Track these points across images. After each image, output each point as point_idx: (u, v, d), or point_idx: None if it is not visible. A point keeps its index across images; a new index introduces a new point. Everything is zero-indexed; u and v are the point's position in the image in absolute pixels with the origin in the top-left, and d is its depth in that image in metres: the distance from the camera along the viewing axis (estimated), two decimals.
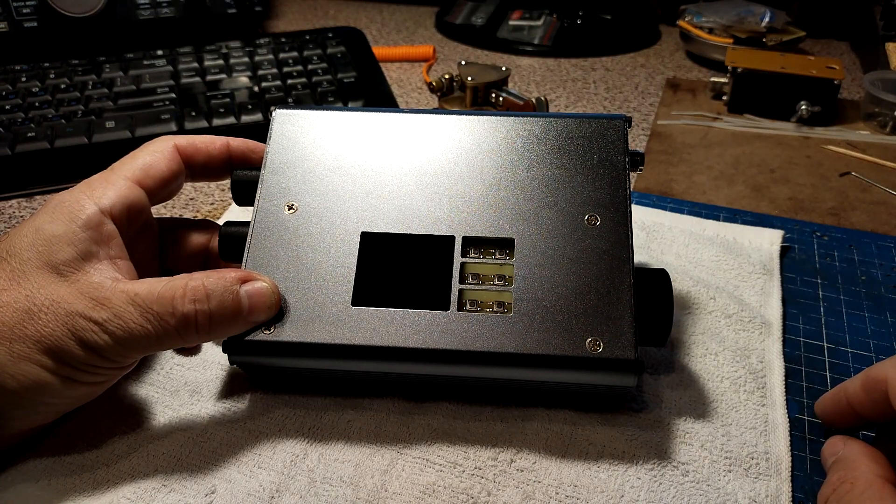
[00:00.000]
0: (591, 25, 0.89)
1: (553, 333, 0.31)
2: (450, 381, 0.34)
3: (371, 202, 0.35)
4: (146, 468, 0.31)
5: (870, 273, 0.45)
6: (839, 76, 0.63)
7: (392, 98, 0.66)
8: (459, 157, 0.36)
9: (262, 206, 0.35)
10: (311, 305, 0.32)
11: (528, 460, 0.31)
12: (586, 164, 0.35)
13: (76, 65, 0.65)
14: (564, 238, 0.33)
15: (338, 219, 0.34)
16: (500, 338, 0.31)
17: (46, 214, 0.31)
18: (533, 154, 0.36)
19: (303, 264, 0.33)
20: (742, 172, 0.57)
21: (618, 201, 0.34)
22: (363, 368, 0.32)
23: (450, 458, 0.32)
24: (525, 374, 0.31)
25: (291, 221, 0.35)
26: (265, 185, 0.36)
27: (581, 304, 0.32)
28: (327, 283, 0.33)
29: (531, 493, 0.30)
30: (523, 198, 0.35)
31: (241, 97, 0.63)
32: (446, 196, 0.35)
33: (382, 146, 0.37)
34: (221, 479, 0.31)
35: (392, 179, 0.36)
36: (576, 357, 0.31)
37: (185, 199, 0.54)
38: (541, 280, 0.32)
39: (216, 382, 0.35)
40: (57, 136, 0.57)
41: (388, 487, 0.30)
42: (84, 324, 0.29)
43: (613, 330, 0.31)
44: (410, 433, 0.33)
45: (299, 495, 0.30)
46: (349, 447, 0.32)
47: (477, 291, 0.33)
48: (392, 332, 0.31)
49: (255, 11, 0.77)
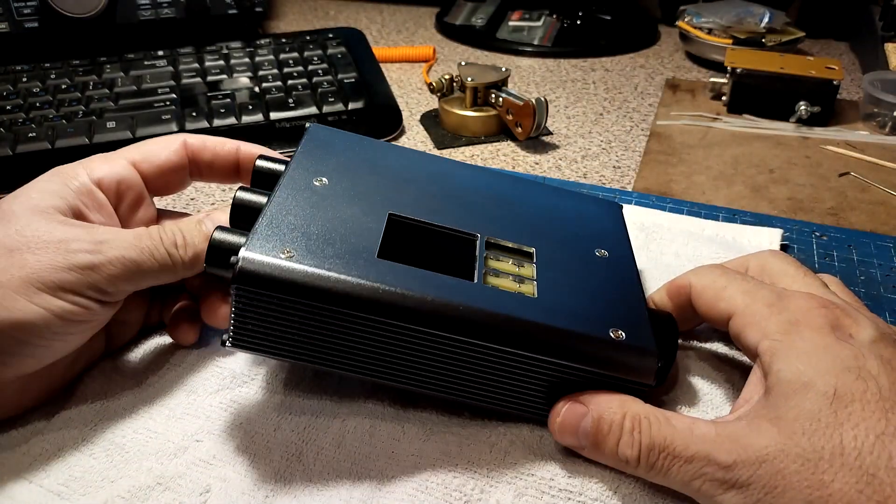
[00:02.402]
0: (590, 26, 0.89)
1: (577, 318, 0.31)
2: (452, 355, 0.31)
3: (399, 194, 0.35)
4: (141, 466, 0.31)
5: (869, 273, 0.45)
6: (838, 76, 0.63)
7: (392, 98, 0.66)
8: (484, 187, 0.39)
9: (290, 174, 0.34)
10: (335, 248, 0.30)
11: (522, 455, 0.31)
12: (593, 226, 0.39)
13: (77, 65, 0.65)
14: (580, 260, 0.35)
15: (367, 198, 0.34)
16: (528, 310, 0.30)
17: (42, 178, 0.34)
18: (546, 206, 0.39)
19: (328, 220, 0.32)
20: (741, 173, 0.57)
21: (622, 246, 0.38)
22: (387, 317, 0.29)
23: (444, 454, 0.32)
24: (541, 349, 0.30)
25: (320, 190, 0.34)
26: (294, 166, 0.35)
27: (601, 304, 0.32)
28: (353, 237, 0.31)
29: (524, 488, 0.30)
30: (541, 223, 0.37)
31: (241, 97, 0.64)
32: (471, 206, 0.36)
33: (412, 165, 0.39)
34: (216, 478, 0.31)
35: (419, 184, 0.37)
36: (601, 339, 0.30)
37: (185, 199, 0.54)
38: (561, 283, 0.33)
39: (211, 381, 0.35)
40: (58, 136, 0.57)
41: (381, 486, 0.30)
42: (77, 245, 0.30)
43: (634, 326, 0.31)
44: (405, 432, 0.33)
45: (293, 495, 0.30)
46: (344, 446, 0.32)
47: (499, 279, 0.32)
48: (416, 283, 0.30)
49: (256, 12, 0.77)
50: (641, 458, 0.28)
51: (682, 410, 0.34)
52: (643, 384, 0.31)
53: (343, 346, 0.30)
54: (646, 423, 0.28)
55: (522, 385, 0.31)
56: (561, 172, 0.58)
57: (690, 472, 0.27)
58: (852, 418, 0.25)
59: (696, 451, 0.27)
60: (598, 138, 0.63)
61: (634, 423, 0.28)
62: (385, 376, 0.31)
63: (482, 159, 0.59)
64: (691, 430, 0.27)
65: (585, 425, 0.29)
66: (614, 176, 0.57)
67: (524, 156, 0.60)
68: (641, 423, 0.28)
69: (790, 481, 0.25)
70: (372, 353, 0.30)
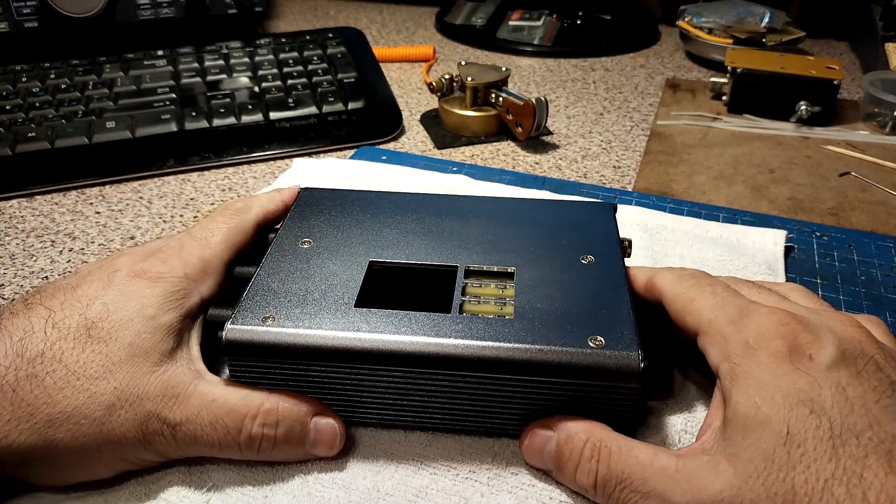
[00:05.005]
0: (590, 26, 0.89)
1: (554, 333, 0.31)
2: (446, 391, 0.32)
3: (380, 240, 0.37)
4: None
5: (869, 273, 0.45)
6: (839, 76, 0.63)
7: (392, 98, 0.66)
8: (466, 214, 0.40)
9: (278, 240, 0.37)
10: (313, 306, 0.32)
11: (524, 467, 0.31)
12: (580, 232, 0.38)
13: (76, 65, 0.65)
14: (563, 271, 0.35)
15: (348, 250, 0.36)
16: (501, 334, 0.31)
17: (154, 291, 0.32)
18: (530, 221, 0.39)
19: (310, 279, 0.34)
20: (741, 173, 0.57)
21: (610, 247, 0.37)
22: (362, 364, 0.31)
23: (445, 460, 0.31)
24: (516, 370, 0.30)
25: (305, 251, 0.36)
26: (282, 232, 0.37)
27: (581, 313, 0.32)
28: (332, 291, 0.33)
29: (524, 498, 0.30)
30: (522, 241, 0.37)
31: (241, 97, 0.64)
32: (451, 237, 0.37)
33: (394, 208, 0.40)
34: (217, 478, 0.31)
35: (400, 225, 0.38)
36: (578, 350, 0.30)
37: (185, 199, 0.54)
38: (541, 298, 0.33)
39: None
40: (57, 136, 0.57)
41: (380, 488, 0.30)
42: (157, 426, 0.29)
43: (615, 330, 0.31)
44: (407, 437, 0.33)
45: (292, 495, 0.30)
46: (343, 449, 0.32)
47: (478, 305, 0.33)
48: (393, 327, 0.31)
49: (256, 12, 0.77)
50: (598, 486, 0.28)
51: (677, 417, 0.33)
52: (629, 387, 0.30)
53: (336, 395, 0.32)
54: (605, 452, 0.28)
55: (512, 406, 0.31)
56: (561, 172, 0.57)
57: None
58: (804, 459, 0.25)
59: (652, 487, 0.27)
60: (599, 138, 0.63)
61: (594, 451, 0.28)
62: (376, 418, 0.32)
63: (482, 159, 0.59)
64: (651, 463, 0.27)
65: (549, 449, 0.30)
66: (614, 176, 0.57)
67: (524, 156, 0.60)
68: (601, 452, 0.28)
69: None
70: (362, 398, 0.32)
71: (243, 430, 0.30)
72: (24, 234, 0.49)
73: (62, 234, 0.49)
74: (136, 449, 0.29)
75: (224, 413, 0.30)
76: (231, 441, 0.30)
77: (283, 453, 0.31)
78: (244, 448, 0.30)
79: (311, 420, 0.31)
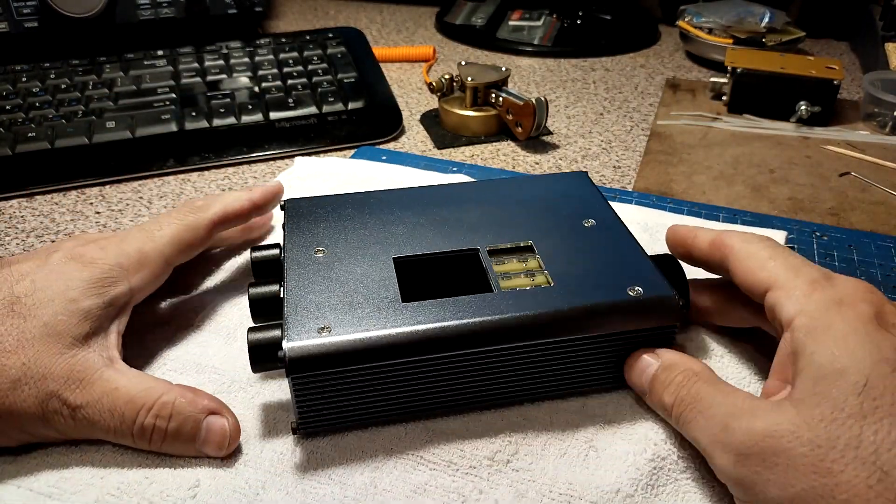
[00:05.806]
0: (590, 26, 0.89)
1: (596, 289, 0.33)
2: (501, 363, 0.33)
3: (391, 237, 0.37)
4: (130, 462, 0.31)
5: (869, 273, 0.45)
6: (839, 76, 0.63)
7: (392, 98, 0.66)
8: (462, 201, 0.41)
9: (289, 255, 0.36)
10: (364, 309, 0.32)
11: (525, 460, 0.31)
12: (569, 200, 0.41)
13: (76, 65, 0.65)
14: (573, 236, 0.37)
15: (366, 252, 0.36)
16: (548, 301, 0.32)
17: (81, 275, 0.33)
18: (521, 197, 0.41)
19: (343, 285, 0.34)
20: (741, 172, 0.57)
21: (603, 209, 0.40)
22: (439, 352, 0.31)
23: (444, 456, 0.31)
24: (575, 330, 0.32)
25: (322, 260, 0.36)
26: (289, 247, 0.37)
27: (610, 269, 0.35)
28: (373, 292, 0.33)
29: (524, 491, 0.30)
30: (525, 215, 0.39)
31: (241, 97, 0.64)
32: (459, 224, 0.38)
33: (390, 205, 0.40)
34: (206, 474, 0.31)
35: (405, 220, 0.39)
36: (623, 301, 0.33)
37: (185, 199, 0.54)
38: (568, 263, 0.35)
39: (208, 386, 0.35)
40: (57, 136, 0.57)
41: (377, 484, 0.30)
42: (57, 406, 0.30)
43: (646, 279, 0.34)
44: (407, 432, 0.33)
45: (286, 491, 0.30)
46: (339, 445, 0.32)
47: (511, 280, 0.34)
48: (448, 312, 0.32)
49: (256, 12, 0.77)
50: (675, 405, 0.30)
51: None
52: (671, 325, 0.33)
53: (403, 393, 0.32)
54: (693, 379, 0.30)
55: (572, 365, 0.33)
56: None
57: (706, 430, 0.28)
58: (878, 412, 0.25)
59: (715, 413, 0.28)
60: (599, 138, 0.63)
61: (686, 378, 0.31)
62: (450, 404, 0.33)
63: (482, 159, 0.59)
64: (726, 396, 0.29)
65: (649, 373, 0.33)
66: (614, 176, 0.57)
67: (524, 156, 0.60)
68: (690, 379, 0.31)
69: (795, 462, 0.25)
70: (433, 389, 0.32)
71: (137, 420, 0.30)
72: (24, 234, 0.49)
73: (62, 235, 0.49)
74: (36, 424, 0.30)
75: (123, 402, 0.31)
76: (125, 429, 0.31)
77: (173, 447, 0.31)
78: (137, 437, 0.31)
79: (205, 418, 0.31)
